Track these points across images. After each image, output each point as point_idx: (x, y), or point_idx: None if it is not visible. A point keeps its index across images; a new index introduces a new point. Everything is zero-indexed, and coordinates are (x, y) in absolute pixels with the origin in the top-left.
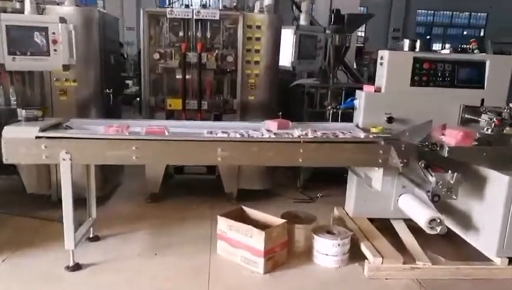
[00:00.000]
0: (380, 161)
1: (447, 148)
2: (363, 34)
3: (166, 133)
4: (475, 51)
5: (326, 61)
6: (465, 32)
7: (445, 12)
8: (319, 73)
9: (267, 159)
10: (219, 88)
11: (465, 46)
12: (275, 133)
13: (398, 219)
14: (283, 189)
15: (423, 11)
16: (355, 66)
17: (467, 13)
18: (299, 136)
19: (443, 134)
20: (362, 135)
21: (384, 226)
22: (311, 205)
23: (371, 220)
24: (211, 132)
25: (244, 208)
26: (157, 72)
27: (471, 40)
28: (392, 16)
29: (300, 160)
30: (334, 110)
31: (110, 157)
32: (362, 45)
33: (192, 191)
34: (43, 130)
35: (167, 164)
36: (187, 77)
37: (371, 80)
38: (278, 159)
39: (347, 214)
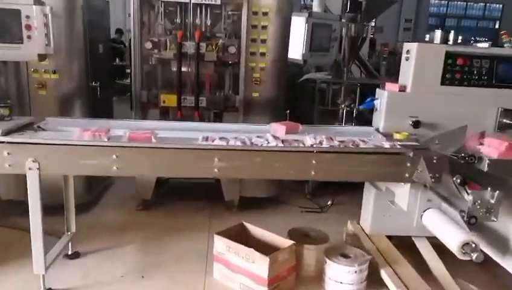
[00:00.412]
0: (406, 175)
1: (487, 161)
2: (372, 24)
3: (153, 140)
4: (506, 45)
5: (341, 53)
6: (479, 24)
7: (459, 2)
8: (332, 67)
9: (273, 171)
10: (220, 83)
11: (478, 38)
12: (282, 141)
13: (421, 236)
14: (290, 195)
15: (436, 1)
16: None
17: (481, 4)
18: (312, 145)
19: (481, 143)
20: (387, 144)
21: (404, 243)
22: (321, 215)
23: (389, 236)
24: (207, 138)
25: (246, 224)
26: (150, 64)
27: (502, 32)
28: (403, 5)
29: (313, 173)
30: (348, 108)
31: (85, 167)
32: (372, 36)
33: (189, 196)
34: (7, 132)
35: None
36: (183, 69)
37: (390, 75)
38: (286, 172)
39: (363, 230)
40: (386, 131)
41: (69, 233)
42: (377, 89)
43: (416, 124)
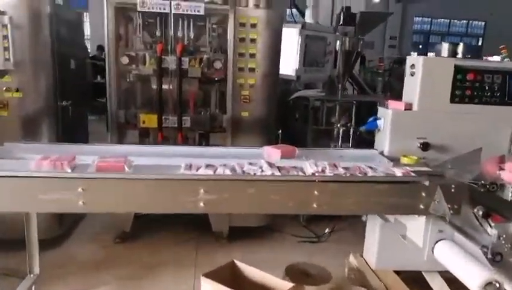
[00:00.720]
0: (421, 206)
1: (511, 190)
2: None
3: (126, 169)
4: (505, 60)
5: (337, 69)
6: (463, 41)
7: (442, 20)
8: (325, 83)
9: (269, 205)
10: (205, 101)
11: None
12: (279, 168)
13: (433, 271)
14: (283, 223)
15: (419, 18)
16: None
17: (464, 21)
18: (313, 174)
19: (501, 169)
20: (398, 171)
21: (412, 278)
22: (319, 245)
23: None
24: (191, 166)
25: (237, 263)
26: (128, 80)
27: (501, 47)
28: (388, 22)
29: (315, 205)
30: (344, 128)
31: (44, 203)
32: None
33: (173, 226)
34: None
35: None
36: (164, 86)
37: (387, 92)
38: (284, 205)
39: (367, 264)
40: (392, 155)
41: (31, 275)
42: (379, 108)
43: (425, 146)
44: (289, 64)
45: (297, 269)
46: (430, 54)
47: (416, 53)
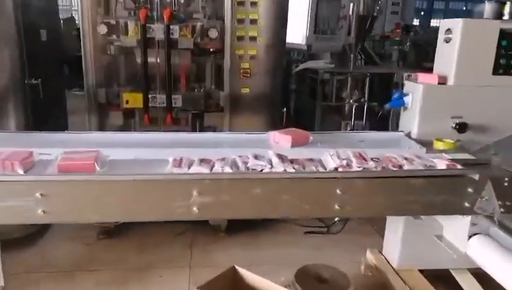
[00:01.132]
0: (466, 204)
1: None
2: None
3: (97, 169)
4: None
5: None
6: (468, 7)
7: None
8: (333, 53)
9: (279, 208)
10: (199, 76)
11: None
12: (291, 161)
13: (462, 269)
14: None
15: None
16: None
17: None
18: (336, 169)
19: None
20: (440, 162)
21: (434, 275)
22: (329, 237)
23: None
24: (180, 161)
25: (238, 269)
26: (108, 54)
27: None
28: None
29: (337, 207)
30: (357, 104)
31: None
32: None
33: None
34: None
35: None
36: (150, 60)
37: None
38: (299, 208)
39: (387, 261)
40: (422, 137)
41: None
42: (406, 82)
43: (462, 127)
44: (298, 31)
45: (308, 273)
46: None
47: (418, 20)
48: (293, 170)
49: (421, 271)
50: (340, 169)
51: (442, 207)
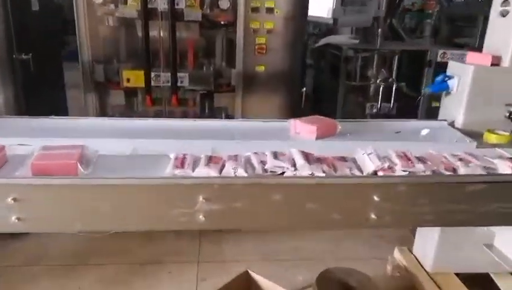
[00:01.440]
0: None
1: None
2: None
3: (81, 170)
4: None
5: (383, 9)
6: None
7: None
8: (358, 28)
9: (302, 218)
10: (208, 52)
11: None
12: (319, 160)
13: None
14: None
15: None
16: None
17: None
18: (376, 172)
19: None
20: (504, 164)
21: (465, 278)
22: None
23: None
24: (183, 159)
25: (252, 274)
26: (106, 25)
27: None
28: None
29: (373, 217)
30: (384, 84)
31: None
32: None
33: None
34: None
35: None
36: (153, 34)
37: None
38: (326, 218)
39: (419, 262)
40: (468, 128)
41: None
42: (451, 63)
43: None
44: (321, 2)
45: (331, 279)
46: None
47: None
48: (323, 174)
49: (457, 274)
50: (380, 173)
51: (502, 218)
